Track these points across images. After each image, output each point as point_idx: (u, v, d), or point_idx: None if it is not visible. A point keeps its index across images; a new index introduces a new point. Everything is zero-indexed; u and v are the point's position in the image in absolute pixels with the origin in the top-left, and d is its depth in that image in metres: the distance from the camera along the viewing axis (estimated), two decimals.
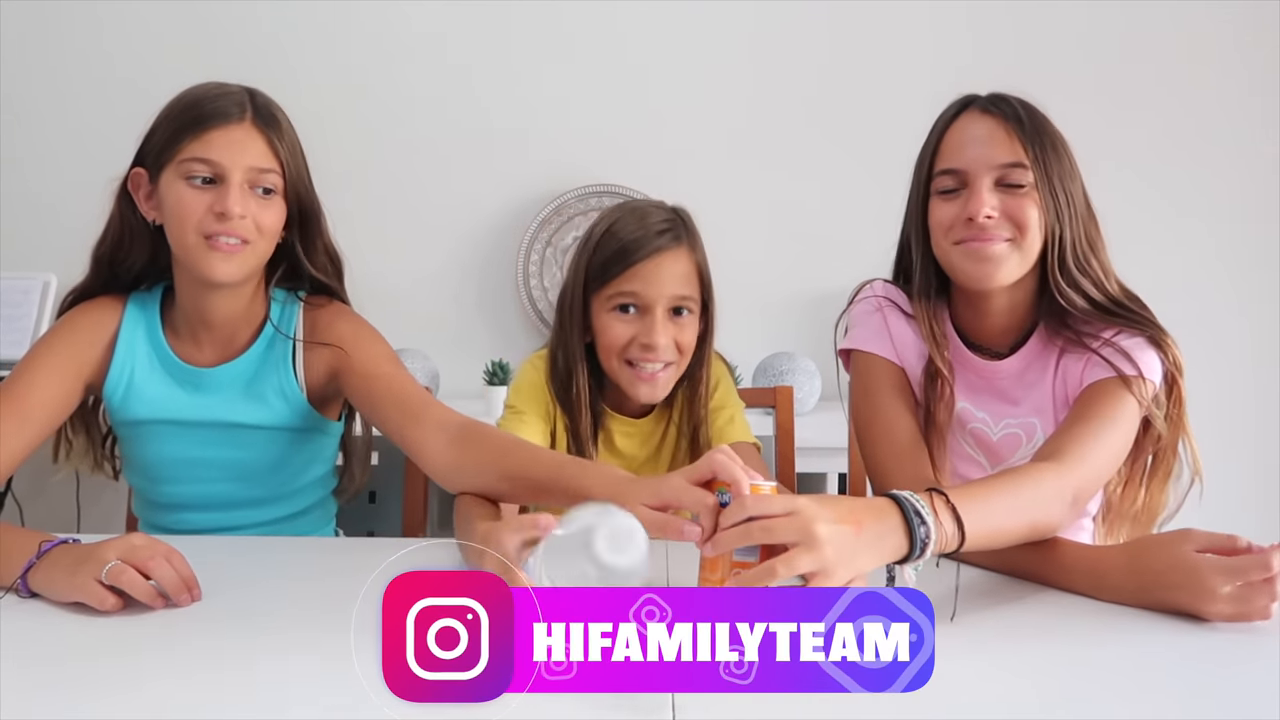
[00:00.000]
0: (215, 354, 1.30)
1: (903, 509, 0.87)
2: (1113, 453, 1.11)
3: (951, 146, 1.20)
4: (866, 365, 1.28)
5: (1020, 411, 1.24)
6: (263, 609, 0.97)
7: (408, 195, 2.57)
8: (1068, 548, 1.01)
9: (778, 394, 1.65)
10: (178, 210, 1.18)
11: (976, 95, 1.22)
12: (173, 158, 1.18)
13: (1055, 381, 1.20)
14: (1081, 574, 0.99)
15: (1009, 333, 1.24)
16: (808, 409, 2.27)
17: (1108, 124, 2.44)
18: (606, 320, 1.30)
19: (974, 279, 1.17)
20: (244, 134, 1.20)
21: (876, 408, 1.25)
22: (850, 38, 2.53)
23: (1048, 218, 1.15)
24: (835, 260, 2.55)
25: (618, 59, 2.55)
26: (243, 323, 1.29)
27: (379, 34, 2.53)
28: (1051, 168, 1.15)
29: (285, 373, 1.30)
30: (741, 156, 2.55)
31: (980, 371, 1.25)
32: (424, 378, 2.27)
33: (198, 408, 1.28)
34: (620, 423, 1.39)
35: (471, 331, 2.59)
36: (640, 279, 1.28)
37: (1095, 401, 1.12)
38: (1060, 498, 1.01)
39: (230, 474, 1.31)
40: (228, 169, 1.18)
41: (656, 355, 1.28)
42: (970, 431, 1.27)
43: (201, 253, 1.18)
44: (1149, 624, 0.92)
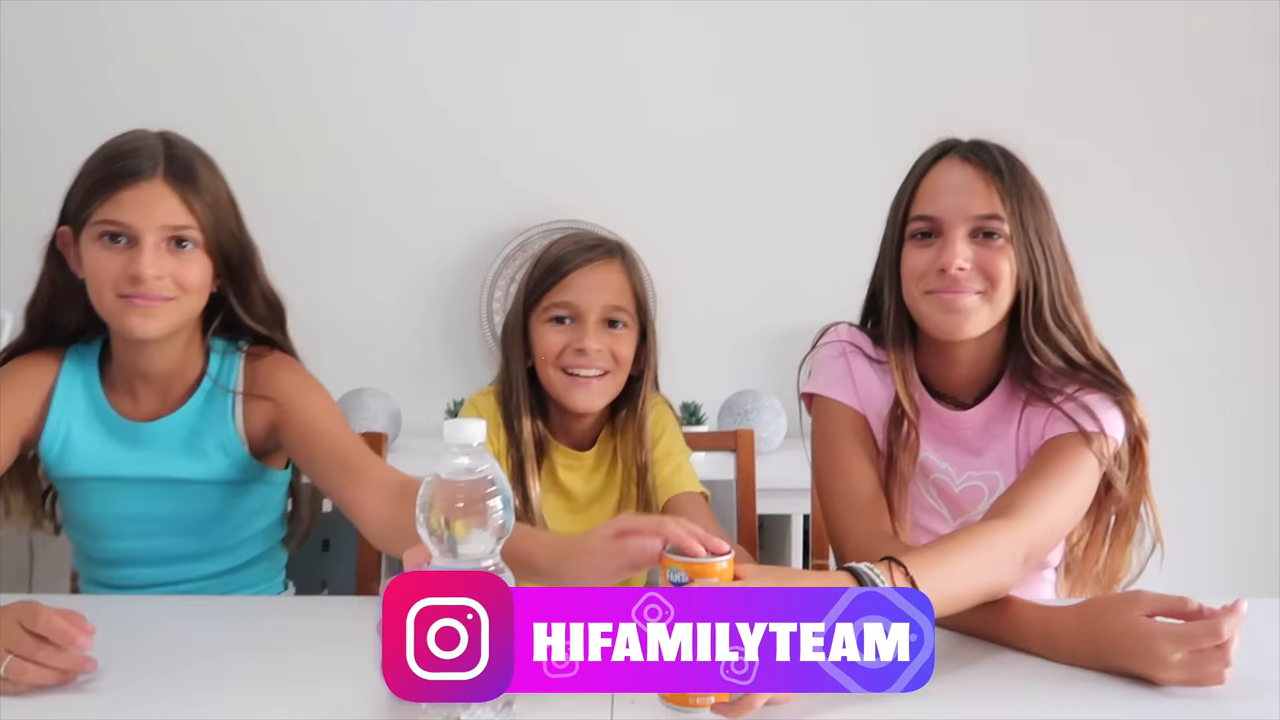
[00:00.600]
0: (153, 407, 1.28)
1: (860, 583, 0.87)
2: (1069, 509, 1.10)
3: (928, 193, 1.19)
4: (828, 411, 1.27)
5: (983, 463, 1.23)
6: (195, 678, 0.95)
7: (371, 230, 2.54)
8: (1021, 608, 1.00)
9: (739, 437, 1.64)
10: (94, 272, 1.18)
11: (957, 141, 1.21)
12: (87, 218, 1.17)
13: (1018, 434, 1.20)
14: (1035, 634, 0.98)
15: (975, 383, 1.23)
16: (773, 448, 2.25)
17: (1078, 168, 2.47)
18: (542, 332, 1.33)
19: (942, 330, 1.17)
20: (155, 192, 1.17)
21: (836, 456, 1.24)
22: (820, 73, 2.54)
23: (1022, 271, 1.13)
24: (802, 297, 2.54)
25: (585, 94, 2.54)
26: (179, 375, 1.27)
27: (345, 68, 2.51)
28: (1029, 220, 1.14)
29: (225, 426, 1.28)
30: (709, 192, 2.55)
31: (944, 421, 1.24)
32: (384, 417, 2.23)
33: (136, 463, 1.26)
34: (563, 454, 1.39)
35: (434, 369, 2.56)
36: (573, 289, 1.31)
37: (1054, 456, 1.11)
38: (1012, 557, 1.00)
39: (172, 528, 1.29)
40: (140, 230, 1.16)
41: (589, 360, 1.30)
42: (933, 481, 1.26)
43: (120, 312, 1.18)
44: (1104, 688, 0.91)
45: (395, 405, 2.29)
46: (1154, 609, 0.92)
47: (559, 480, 1.40)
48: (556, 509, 1.39)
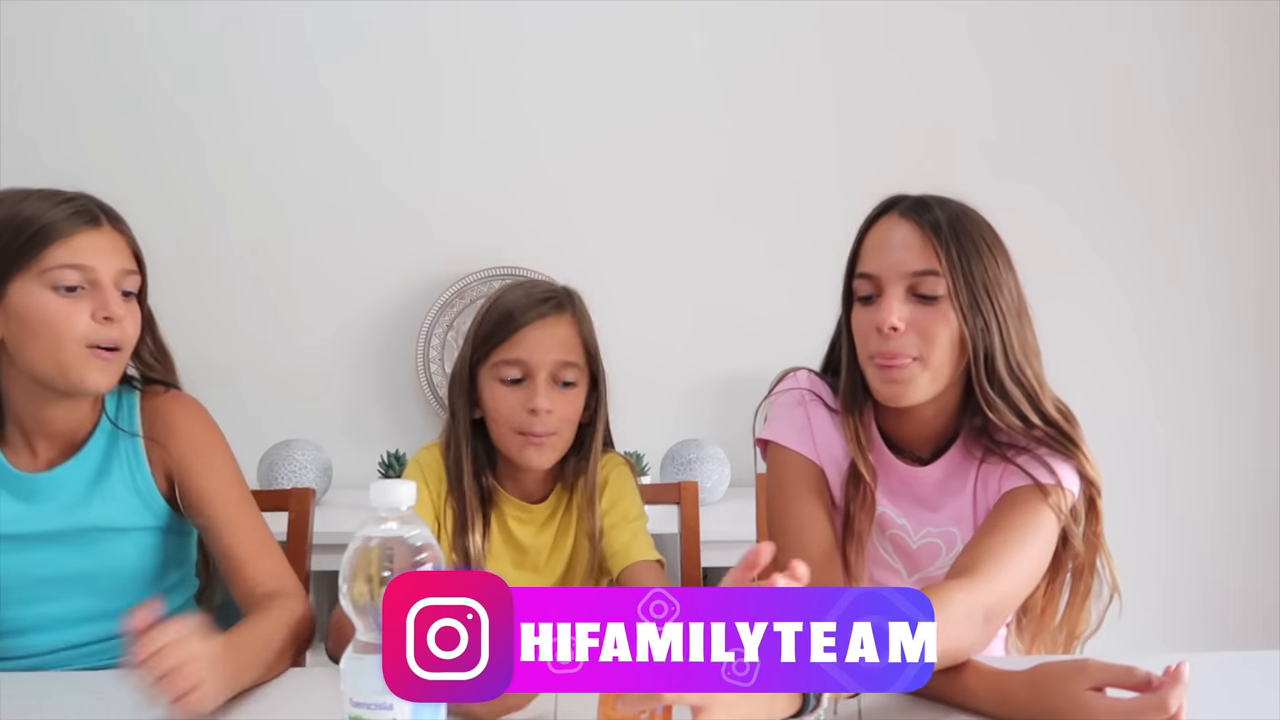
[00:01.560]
0: (52, 454, 1.21)
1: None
2: (1030, 566, 1.08)
3: (869, 250, 1.18)
4: (783, 461, 1.24)
5: (939, 519, 1.21)
6: None
7: (302, 275, 2.47)
8: (974, 671, 0.98)
9: (682, 490, 1.60)
10: (50, 323, 1.11)
11: (903, 197, 1.19)
12: (29, 267, 1.10)
13: (976, 489, 1.18)
14: (987, 697, 0.96)
15: (931, 439, 1.22)
16: (717, 498, 2.22)
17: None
18: (493, 392, 1.31)
19: (884, 399, 1.16)
20: (108, 238, 1.15)
21: (789, 509, 1.21)
22: (761, 119, 2.54)
23: (966, 329, 1.11)
24: (746, 344, 2.53)
25: (521, 138, 2.51)
26: (82, 423, 1.21)
27: (274, 116, 2.45)
28: (974, 276, 1.11)
29: (136, 466, 1.22)
30: (649, 239, 2.53)
31: (902, 476, 1.22)
32: (314, 470, 2.15)
33: (36, 518, 1.18)
34: (514, 506, 1.37)
35: (367, 420, 2.48)
36: (523, 345, 1.29)
37: (1011, 511, 1.10)
38: (971, 619, 0.98)
39: (84, 586, 1.21)
40: (100, 273, 1.13)
41: (540, 422, 1.28)
42: (889, 537, 1.24)
43: (82, 363, 1.12)
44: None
45: (326, 457, 2.20)
46: (1101, 680, 0.91)
47: (510, 532, 1.37)
48: (502, 561, 1.36)
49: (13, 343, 1.13)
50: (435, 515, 1.33)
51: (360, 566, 0.75)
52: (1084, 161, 2.54)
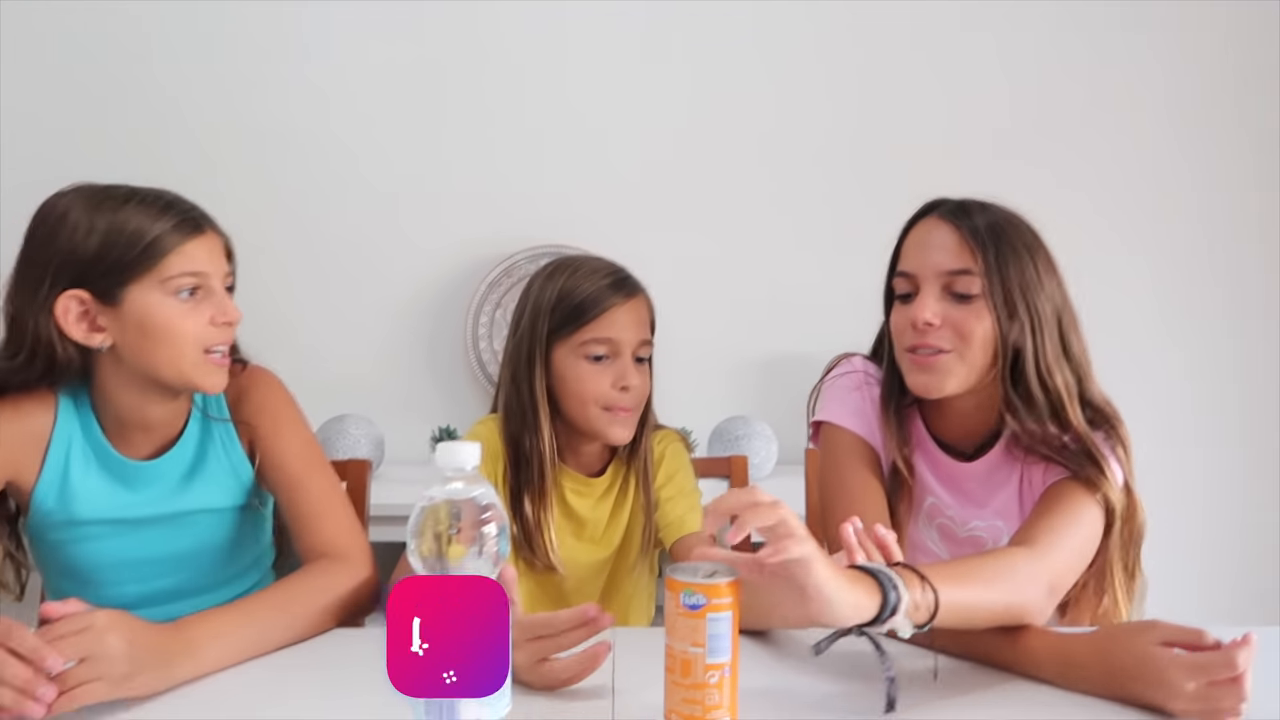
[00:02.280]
0: (151, 447, 1.24)
1: (872, 573, 0.86)
2: (1082, 545, 1.09)
3: (908, 250, 1.21)
4: (838, 439, 1.26)
5: (985, 513, 1.23)
6: None
7: (355, 255, 2.51)
8: (1034, 633, 0.98)
9: (732, 463, 1.62)
10: (171, 329, 1.14)
11: (944, 200, 1.22)
12: (148, 275, 1.12)
13: (1022, 485, 1.19)
14: (1048, 661, 0.96)
15: (974, 434, 1.23)
16: (764, 474, 2.22)
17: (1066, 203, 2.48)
18: (579, 370, 1.32)
19: (918, 390, 1.18)
20: (213, 241, 1.19)
21: (844, 481, 1.23)
22: (809, 103, 2.54)
23: (1000, 328, 1.13)
24: (792, 323, 2.53)
25: (571, 118, 2.52)
26: (178, 416, 1.25)
27: (326, 91, 2.49)
28: (1010, 277, 1.13)
29: (231, 446, 1.26)
30: (696, 218, 2.53)
31: (949, 471, 1.24)
32: (368, 444, 2.19)
33: (141, 504, 1.22)
34: (572, 479, 1.39)
35: (419, 396, 2.51)
36: (614, 325, 1.32)
37: (1058, 500, 1.11)
38: (1035, 582, 0.99)
39: (175, 565, 1.25)
40: (212, 278, 1.17)
41: (632, 398, 1.32)
42: (937, 525, 1.26)
43: (202, 368, 1.16)
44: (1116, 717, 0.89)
45: (379, 432, 2.24)
46: (1169, 639, 0.90)
47: (569, 505, 1.39)
48: (563, 533, 1.38)
49: (129, 347, 1.14)
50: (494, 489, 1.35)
51: (428, 524, 0.77)
52: (1107, 146, 2.53)
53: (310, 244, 2.49)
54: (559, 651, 0.92)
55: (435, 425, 2.35)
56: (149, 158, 2.39)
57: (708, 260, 2.53)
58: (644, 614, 1.47)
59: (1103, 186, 2.54)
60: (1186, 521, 2.47)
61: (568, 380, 1.33)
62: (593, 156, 2.52)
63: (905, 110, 2.53)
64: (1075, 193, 2.49)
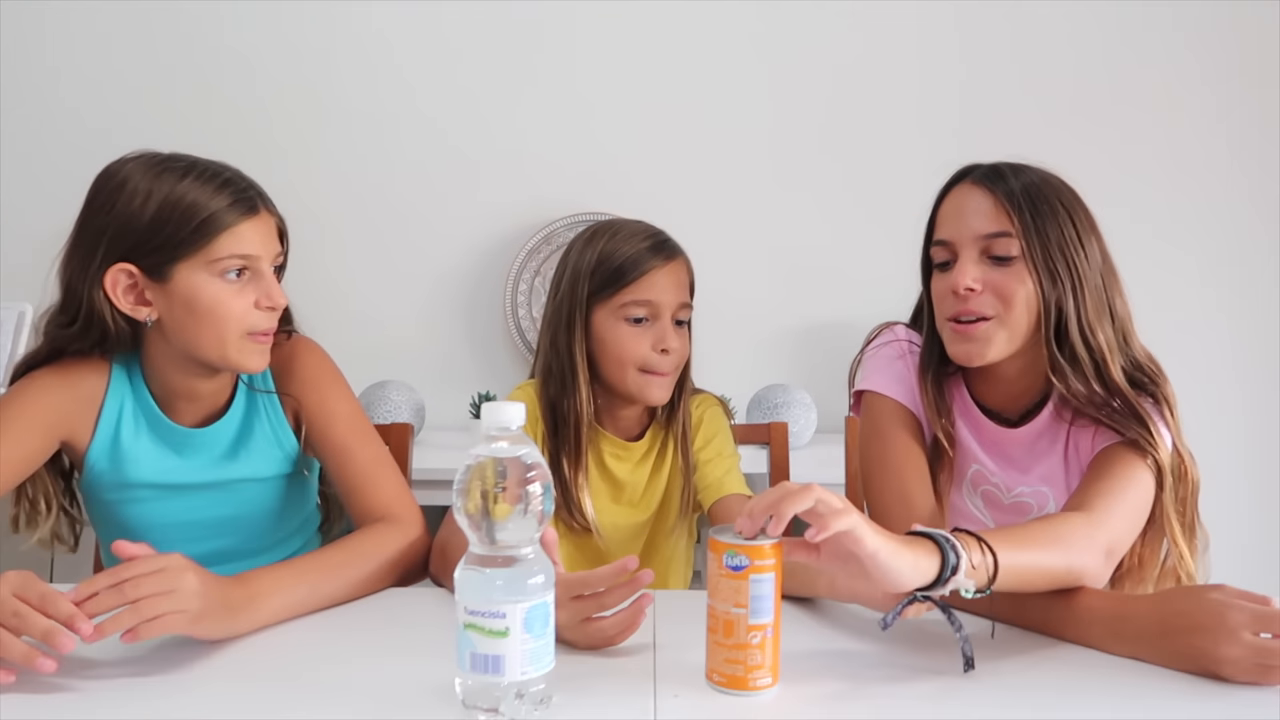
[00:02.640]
0: (197, 416, 1.26)
1: (930, 536, 0.86)
2: (1136, 508, 1.08)
3: (943, 217, 1.20)
4: (881, 408, 1.25)
5: (1031, 480, 1.22)
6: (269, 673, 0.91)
7: (394, 224, 2.52)
8: (1087, 592, 0.98)
9: (772, 430, 1.61)
10: (216, 309, 1.14)
11: (977, 166, 1.20)
12: (196, 254, 1.12)
13: (1067, 450, 1.18)
14: (1102, 619, 0.94)
15: (1020, 399, 1.22)
16: (803, 442, 2.22)
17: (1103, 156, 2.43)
18: (618, 331, 1.33)
19: (961, 359, 1.17)
20: (265, 223, 1.18)
21: (887, 449, 1.22)
22: (847, 68, 2.50)
23: (1042, 289, 1.12)
24: (830, 291, 2.52)
25: (611, 86, 2.51)
26: (224, 389, 1.27)
27: (367, 61, 2.49)
28: (1049, 238, 1.12)
29: (275, 416, 1.28)
30: (734, 186, 2.52)
31: (993, 437, 1.23)
32: (408, 410, 2.21)
33: (189, 470, 1.25)
34: (611, 443, 1.40)
35: (458, 363, 2.53)
36: (654, 287, 1.33)
37: (1109, 465, 1.10)
38: (1093, 545, 0.98)
39: (223, 529, 1.27)
40: (262, 261, 1.17)
41: (670, 360, 1.33)
42: (982, 492, 1.25)
43: (245, 350, 1.17)
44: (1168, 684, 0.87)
45: (419, 398, 2.27)
46: (1235, 598, 0.89)
47: (607, 469, 1.40)
48: (601, 497, 1.39)
49: (173, 324, 1.16)
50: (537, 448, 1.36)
51: (474, 482, 0.78)
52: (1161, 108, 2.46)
53: (353, 212, 2.51)
54: (602, 611, 0.92)
55: (474, 392, 2.37)
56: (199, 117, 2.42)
57: (748, 227, 2.51)
58: (682, 578, 1.48)
59: (1131, 141, 2.48)
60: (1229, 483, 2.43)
61: (607, 343, 1.34)
62: (633, 123, 2.51)
63: (950, 72, 2.48)
64: (1101, 152, 2.43)
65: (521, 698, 0.78)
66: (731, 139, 2.51)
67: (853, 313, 2.48)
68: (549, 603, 0.80)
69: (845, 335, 2.53)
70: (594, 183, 2.49)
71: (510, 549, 0.79)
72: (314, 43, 2.48)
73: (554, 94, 2.50)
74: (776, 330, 2.54)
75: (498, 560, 0.79)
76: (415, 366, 2.42)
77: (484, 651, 0.78)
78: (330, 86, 2.49)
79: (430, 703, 0.82)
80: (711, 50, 2.50)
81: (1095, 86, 2.49)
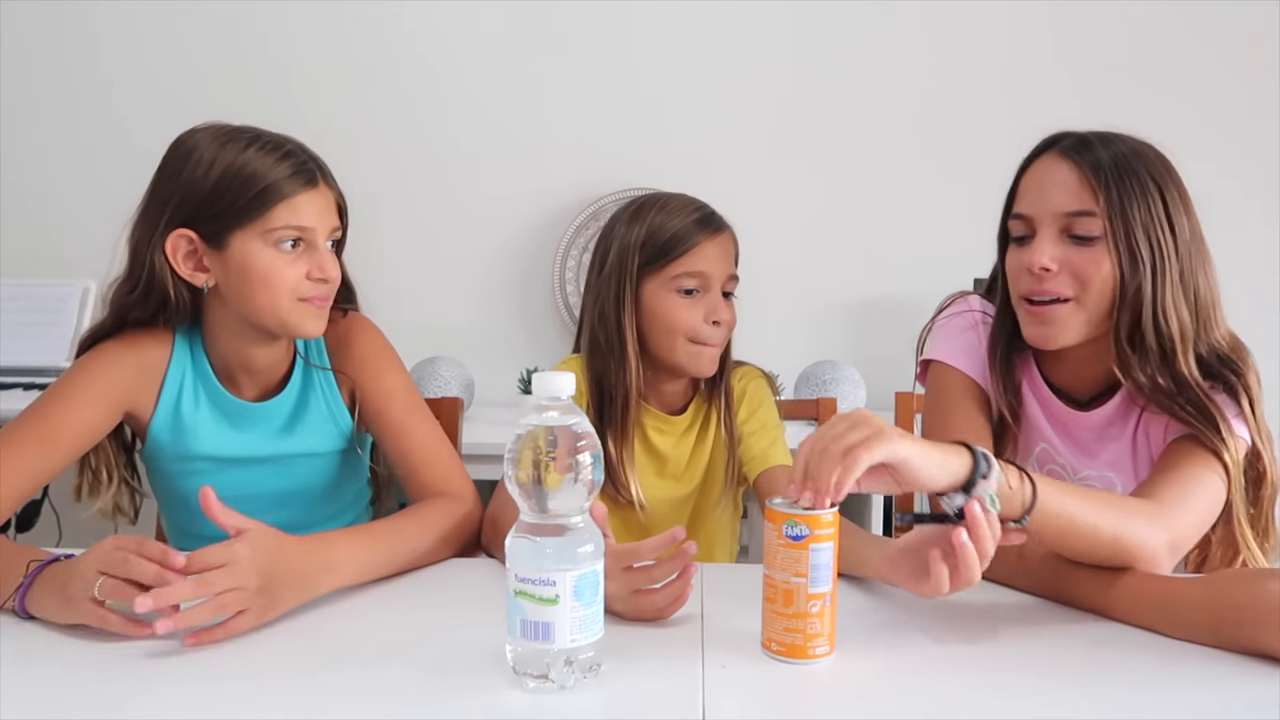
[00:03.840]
0: (257, 389, 1.29)
1: (968, 447, 0.86)
2: (1206, 505, 1.03)
3: (1025, 190, 1.15)
4: (948, 378, 1.23)
5: (1098, 464, 1.19)
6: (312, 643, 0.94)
7: (443, 202, 2.55)
8: (1137, 575, 0.95)
9: (820, 406, 1.60)
10: (269, 277, 1.16)
11: (1066, 134, 1.14)
12: (253, 223, 1.15)
13: (1136, 436, 1.15)
14: (1151, 604, 0.92)
15: (1091, 382, 1.18)
16: None
17: None
18: (669, 303, 1.33)
19: (1035, 341, 1.14)
20: (323, 197, 1.19)
21: (950, 421, 1.20)
22: (889, 41, 2.47)
23: (1122, 273, 1.07)
24: (877, 267, 2.49)
25: (656, 63, 2.50)
26: (280, 360, 1.29)
27: (414, 36, 2.51)
28: (1134, 216, 1.06)
29: (331, 394, 1.30)
30: (781, 161, 2.50)
31: (1062, 418, 1.20)
32: (458, 385, 2.24)
33: (248, 444, 1.27)
34: (654, 417, 1.41)
35: (507, 338, 2.56)
36: (706, 259, 1.33)
37: (1180, 457, 1.06)
38: (1156, 532, 0.95)
39: (278, 504, 1.29)
40: (317, 234, 1.18)
41: (719, 332, 1.33)
42: (1048, 472, 1.22)
43: (297, 314, 1.18)
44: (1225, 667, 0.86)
45: (468, 374, 2.29)
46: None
47: (651, 443, 1.40)
48: (645, 471, 1.40)
49: (230, 290, 1.18)
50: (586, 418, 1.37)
51: (526, 451, 0.79)
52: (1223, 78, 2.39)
53: (406, 194, 2.54)
54: (651, 584, 0.93)
55: (523, 367, 2.39)
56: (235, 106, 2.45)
57: (796, 202, 2.50)
58: (728, 552, 1.48)
59: (1223, 107, 2.41)
60: None
61: (658, 315, 1.34)
62: (681, 99, 2.50)
63: (1003, 49, 2.43)
64: (1188, 114, 2.36)
65: (571, 665, 0.79)
66: (779, 112, 2.49)
67: (902, 289, 2.46)
68: (598, 571, 0.81)
69: (894, 311, 2.52)
70: (641, 158, 2.50)
71: (561, 517, 0.80)
72: (365, 23, 2.51)
73: (606, 70, 2.51)
74: (825, 306, 2.53)
75: (548, 529, 0.80)
76: (465, 342, 2.45)
77: (534, 619, 0.79)
78: (383, 68, 2.52)
79: (481, 669, 0.84)
80: (760, 21, 2.47)
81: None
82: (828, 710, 0.80)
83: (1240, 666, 0.85)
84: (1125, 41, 2.42)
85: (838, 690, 0.82)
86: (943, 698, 0.81)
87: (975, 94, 2.43)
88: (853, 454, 0.81)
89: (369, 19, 2.51)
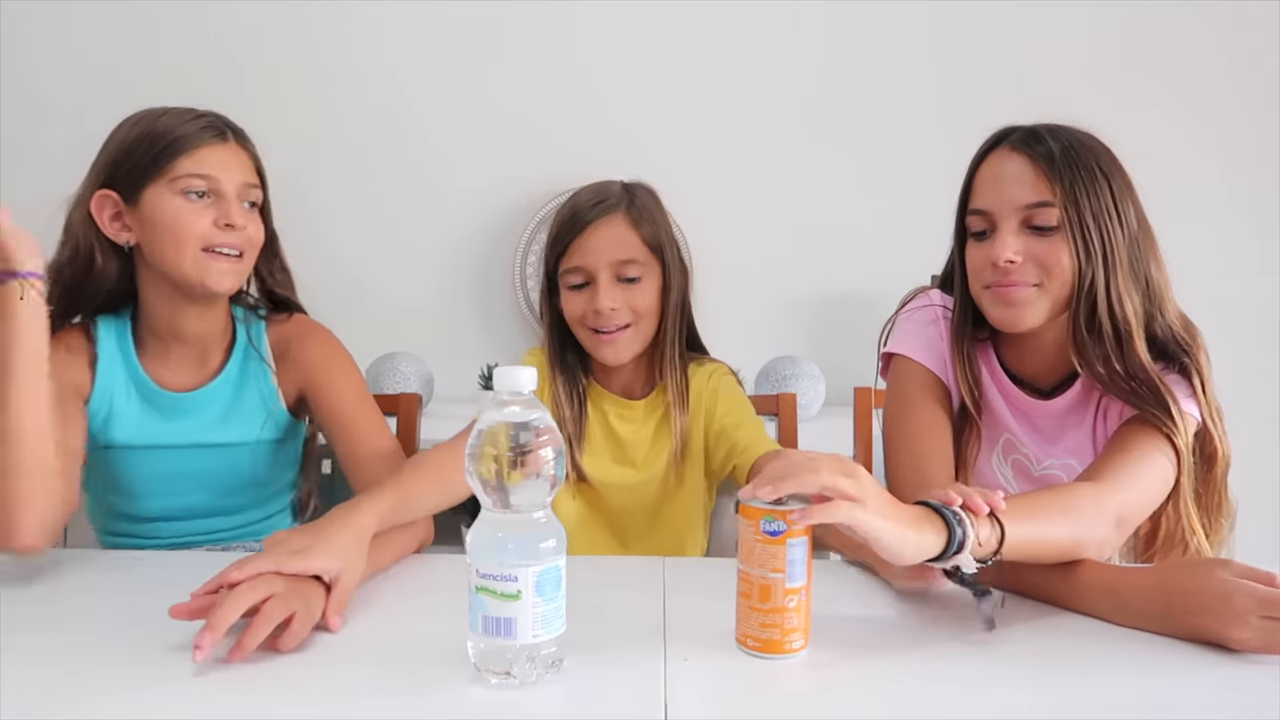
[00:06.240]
0: (190, 376, 1.30)
1: (937, 509, 0.86)
2: (1152, 481, 1.06)
3: (981, 185, 1.16)
4: (909, 372, 1.24)
5: (1059, 451, 1.21)
6: None
7: (402, 195, 2.52)
8: (1091, 566, 0.97)
9: (780, 401, 1.61)
10: (175, 225, 1.19)
11: (1014, 128, 1.16)
12: (161, 175, 1.19)
13: (1096, 422, 1.18)
14: (1102, 594, 0.94)
15: (1052, 370, 1.21)
16: (811, 414, 2.22)
17: None
18: (566, 297, 1.38)
19: (1001, 324, 1.15)
20: (232, 152, 1.23)
21: (910, 415, 1.21)
22: (853, 38, 2.48)
23: (1079, 260, 1.09)
24: (840, 263, 2.51)
25: (618, 56, 2.49)
26: (214, 342, 1.30)
27: (375, 29, 2.48)
28: (1084, 205, 1.09)
29: (267, 386, 1.32)
30: (744, 157, 2.50)
31: (1024, 407, 1.22)
32: (417, 381, 2.22)
33: (178, 433, 1.28)
34: (614, 403, 1.42)
35: (467, 334, 2.54)
36: (580, 252, 1.35)
37: (1131, 435, 1.09)
38: (1102, 514, 0.98)
39: (209, 485, 1.31)
40: (224, 183, 1.21)
41: (607, 320, 1.34)
42: (1012, 462, 1.24)
43: (202, 265, 1.20)
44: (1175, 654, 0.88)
45: (428, 369, 2.27)
46: (1240, 575, 0.88)
47: (611, 428, 1.42)
48: (603, 458, 1.41)
49: (145, 245, 1.21)
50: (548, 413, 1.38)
51: (487, 447, 0.78)
52: (1191, 73, 2.43)
53: (362, 186, 2.51)
54: None
55: (483, 363, 2.38)
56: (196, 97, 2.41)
57: (755, 199, 2.50)
58: (698, 546, 1.48)
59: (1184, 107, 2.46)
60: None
61: (564, 309, 1.38)
62: (643, 92, 2.50)
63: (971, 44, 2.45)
64: (1153, 109, 2.41)
65: (533, 660, 0.79)
66: (740, 108, 2.49)
67: (861, 286, 2.49)
68: (560, 566, 0.81)
69: (853, 308, 2.54)
70: (605, 153, 2.47)
71: (523, 513, 0.79)
72: (320, 13, 2.47)
73: (564, 63, 2.49)
74: (785, 302, 2.54)
75: (510, 524, 0.79)
76: (424, 338, 2.43)
77: (496, 614, 0.78)
78: (336, 59, 2.48)
79: (443, 665, 0.83)
80: (721, 18, 2.47)
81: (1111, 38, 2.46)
82: (790, 701, 0.80)
83: (1189, 653, 0.87)
84: (1091, 42, 2.44)
85: (802, 681, 0.83)
86: (905, 687, 0.82)
87: (936, 92, 2.46)
88: (818, 476, 0.81)
89: (326, 12, 2.47)
